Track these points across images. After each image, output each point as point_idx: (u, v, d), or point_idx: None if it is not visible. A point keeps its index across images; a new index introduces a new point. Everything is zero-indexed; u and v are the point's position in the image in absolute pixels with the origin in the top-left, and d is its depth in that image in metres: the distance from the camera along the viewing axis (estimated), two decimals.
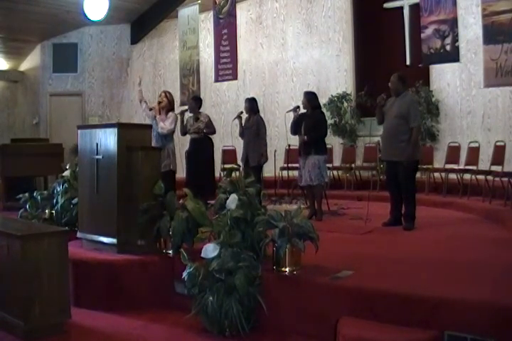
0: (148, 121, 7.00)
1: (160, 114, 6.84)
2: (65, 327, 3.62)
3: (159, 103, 6.88)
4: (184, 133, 7.48)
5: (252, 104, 7.39)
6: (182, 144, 7.90)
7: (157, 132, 6.68)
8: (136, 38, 12.30)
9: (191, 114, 7.52)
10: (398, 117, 5.46)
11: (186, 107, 7.65)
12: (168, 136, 6.83)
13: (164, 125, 6.74)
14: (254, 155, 7.18)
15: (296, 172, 6.93)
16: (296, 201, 7.45)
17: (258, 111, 7.44)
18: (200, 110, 7.62)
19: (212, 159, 7.54)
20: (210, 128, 7.46)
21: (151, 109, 6.90)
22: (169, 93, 7.04)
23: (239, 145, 7.95)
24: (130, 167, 4.40)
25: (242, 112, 7.39)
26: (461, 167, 7.57)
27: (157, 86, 11.83)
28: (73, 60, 12.04)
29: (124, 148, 4.40)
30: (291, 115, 6.55)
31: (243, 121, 7.36)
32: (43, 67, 12.04)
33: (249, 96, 7.93)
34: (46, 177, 9.04)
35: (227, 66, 9.93)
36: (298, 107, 6.47)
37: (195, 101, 7.61)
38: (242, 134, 7.39)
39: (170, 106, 6.92)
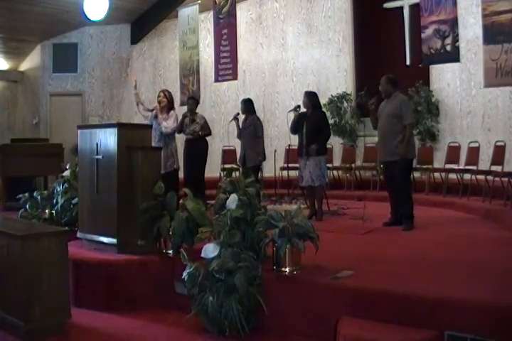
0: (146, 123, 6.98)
1: (162, 113, 6.83)
2: (65, 327, 3.61)
3: (159, 103, 6.89)
4: (180, 131, 7.46)
5: (247, 106, 7.40)
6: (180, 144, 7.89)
7: (160, 132, 6.70)
8: (136, 38, 12.29)
9: (188, 114, 7.50)
10: (390, 116, 5.46)
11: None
12: (171, 135, 6.86)
13: (167, 124, 6.74)
14: (251, 155, 7.17)
15: (296, 172, 6.92)
16: (296, 201, 7.44)
17: (254, 112, 7.43)
18: (200, 110, 7.62)
19: (204, 160, 7.49)
20: (206, 129, 7.42)
21: (152, 110, 6.89)
22: (168, 92, 7.04)
23: (239, 145, 7.94)
24: (130, 167, 4.40)
25: (238, 113, 7.39)
26: (461, 167, 7.57)
27: (157, 86, 11.80)
28: (73, 60, 12.03)
29: (124, 148, 4.40)
30: (292, 115, 6.54)
31: (240, 122, 7.36)
32: (43, 67, 12.02)
33: (245, 98, 7.93)
34: (46, 177, 9.04)
35: (227, 66, 9.92)
36: (298, 107, 6.47)
37: (195, 102, 7.60)
38: (239, 135, 7.39)
39: (170, 105, 6.92)
